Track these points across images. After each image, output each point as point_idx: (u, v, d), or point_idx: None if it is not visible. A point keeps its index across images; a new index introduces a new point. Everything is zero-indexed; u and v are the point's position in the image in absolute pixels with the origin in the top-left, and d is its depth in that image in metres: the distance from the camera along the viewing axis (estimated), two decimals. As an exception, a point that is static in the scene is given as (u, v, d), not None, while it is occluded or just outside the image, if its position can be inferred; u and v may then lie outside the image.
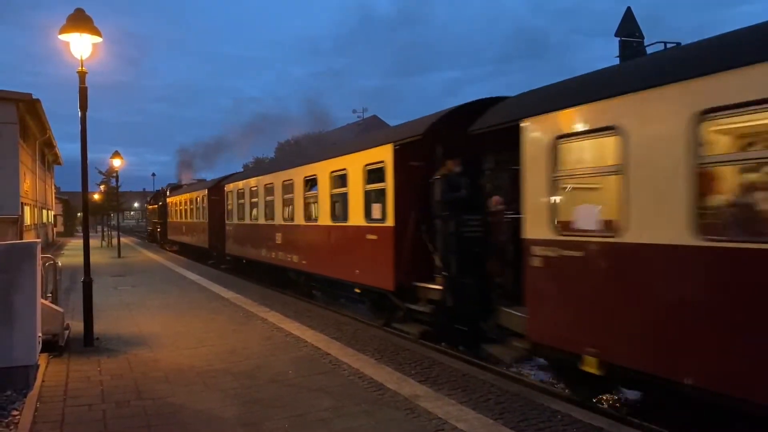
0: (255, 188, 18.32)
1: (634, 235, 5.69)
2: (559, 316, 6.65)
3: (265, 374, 7.33)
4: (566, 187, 6.76)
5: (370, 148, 11.13)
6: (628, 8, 17.92)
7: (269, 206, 16.92)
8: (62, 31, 8.72)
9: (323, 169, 13.12)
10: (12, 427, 5.65)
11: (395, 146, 10.12)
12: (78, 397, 6.48)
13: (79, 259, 10.38)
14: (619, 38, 17.17)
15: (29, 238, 27.29)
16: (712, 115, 5.04)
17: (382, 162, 10.47)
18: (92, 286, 9.38)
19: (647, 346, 5.56)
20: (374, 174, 10.81)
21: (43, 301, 8.19)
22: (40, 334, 7.37)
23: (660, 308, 5.43)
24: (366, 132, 39.47)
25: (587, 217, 6.53)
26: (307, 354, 8.37)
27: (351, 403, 6.20)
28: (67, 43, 8.87)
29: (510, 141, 7.34)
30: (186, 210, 29.69)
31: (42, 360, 7.74)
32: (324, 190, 13.03)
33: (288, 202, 15.38)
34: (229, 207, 21.38)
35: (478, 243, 8.74)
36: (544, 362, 8.42)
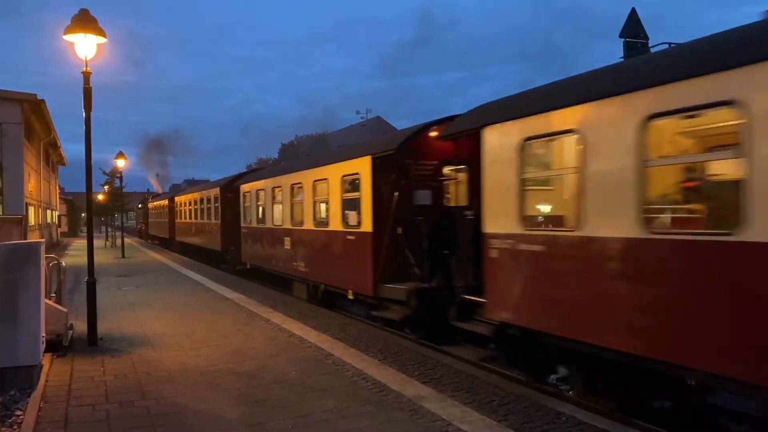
0: (183, 201, 31.40)
1: (283, 225, 15.37)
2: (247, 252, 18.84)
3: (269, 375, 7.33)
4: (248, 212, 19.00)
5: (212, 188, 24.49)
6: (633, 9, 17.85)
7: (188, 212, 29.83)
8: (67, 31, 8.74)
9: (206, 195, 25.46)
10: (16, 427, 5.66)
11: (221, 188, 22.73)
12: (82, 397, 6.49)
13: (83, 260, 10.40)
14: (623, 39, 17.10)
15: (33, 238, 27.33)
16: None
17: (218, 195, 23.04)
18: (96, 286, 9.41)
19: (281, 263, 15.61)
20: (213, 200, 23.88)
21: (47, 301, 8.21)
22: (44, 334, 7.38)
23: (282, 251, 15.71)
24: (371, 133, 42.23)
25: (259, 216, 17.82)
26: (311, 355, 8.37)
27: (355, 404, 6.19)
28: (71, 44, 8.89)
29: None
30: (158, 213, 41.96)
31: (46, 360, 7.75)
32: (205, 205, 25.56)
33: (195, 211, 27.73)
34: (177, 210, 33.44)
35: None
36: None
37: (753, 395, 5.11)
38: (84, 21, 8.77)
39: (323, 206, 13.08)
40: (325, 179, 12.61)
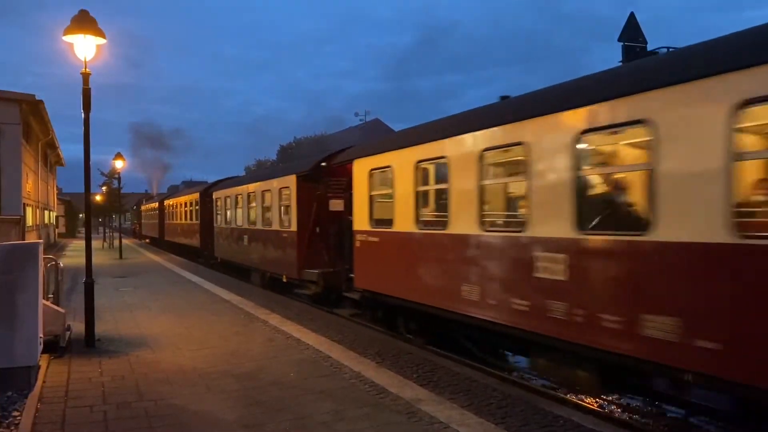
0: (170, 204, 35.56)
1: (242, 226, 19.55)
2: (218, 248, 22.88)
3: (267, 376, 7.32)
4: (218, 214, 22.86)
5: (193, 194, 27.76)
6: (631, 13, 17.88)
7: (174, 214, 33.83)
8: (66, 32, 8.73)
9: (188, 199, 29.34)
10: (13, 428, 5.64)
11: (200, 194, 25.95)
12: (79, 398, 6.48)
13: (81, 260, 10.38)
14: (622, 43, 17.15)
15: (31, 238, 27.28)
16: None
17: (197, 199, 26.34)
18: (94, 287, 9.39)
19: (242, 256, 19.47)
20: (194, 204, 27.25)
21: (45, 301, 8.19)
22: (41, 335, 7.35)
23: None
24: (370, 135, 43.02)
25: (227, 218, 21.80)
26: (309, 357, 8.36)
27: (352, 406, 6.19)
28: (71, 45, 8.88)
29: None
30: (150, 214, 46.90)
31: (43, 361, 7.73)
32: (187, 208, 29.37)
33: (180, 213, 31.80)
34: (166, 212, 37.39)
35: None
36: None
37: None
38: (83, 22, 8.76)
39: (268, 211, 16.86)
40: (269, 190, 16.54)
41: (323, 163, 13.87)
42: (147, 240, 48.13)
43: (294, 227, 14.56)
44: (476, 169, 7.86)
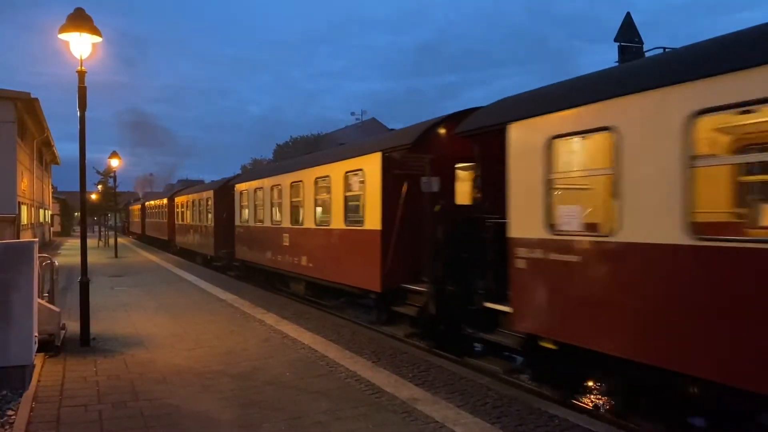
0: (150, 205, 43.22)
1: (189, 222, 28.74)
2: (178, 240, 31.74)
3: (263, 376, 7.32)
4: (179, 211, 32.28)
5: (164, 198, 36.92)
6: (628, 14, 17.91)
7: (153, 213, 41.44)
8: (62, 30, 8.70)
9: (160, 202, 37.66)
10: (7, 427, 5.63)
11: (168, 198, 34.68)
12: (74, 397, 6.46)
13: (76, 259, 10.34)
14: (618, 43, 17.18)
15: (26, 237, 27.21)
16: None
17: (166, 203, 34.89)
18: (89, 286, 9.36)
19: (191, 244, 28.12)
20: (164, 206, 35.49)
21: (40, 300, 8.17)
22: (36, 334, 7.34)
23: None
24: (365, 134, 43.55)
25: (182, 217, 30.94)
26: (305, 356, 8.36)
27: (348, 406, 6.19)
28: (66, 43, 8.85)
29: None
30: (136, 213, 53.64)
31: (38, 360, 7.70)
32: (160, 209, 37.22)
33: (156, 213, 39.62)
34: (147, 212, 45.18)
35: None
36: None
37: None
38: (79, 20, 8.73)
39: (201, 212, 25.10)
40: (201, 198, 25.08)
41: (229, 182, 21.85)
42: (134, 236, 54.71)
43: (212, 223, 22.83)
44: (282, 194, 15.49)
